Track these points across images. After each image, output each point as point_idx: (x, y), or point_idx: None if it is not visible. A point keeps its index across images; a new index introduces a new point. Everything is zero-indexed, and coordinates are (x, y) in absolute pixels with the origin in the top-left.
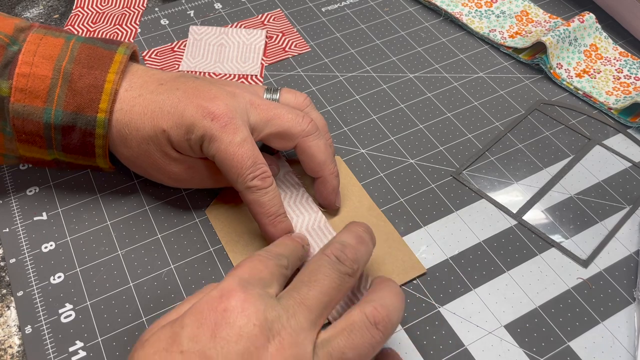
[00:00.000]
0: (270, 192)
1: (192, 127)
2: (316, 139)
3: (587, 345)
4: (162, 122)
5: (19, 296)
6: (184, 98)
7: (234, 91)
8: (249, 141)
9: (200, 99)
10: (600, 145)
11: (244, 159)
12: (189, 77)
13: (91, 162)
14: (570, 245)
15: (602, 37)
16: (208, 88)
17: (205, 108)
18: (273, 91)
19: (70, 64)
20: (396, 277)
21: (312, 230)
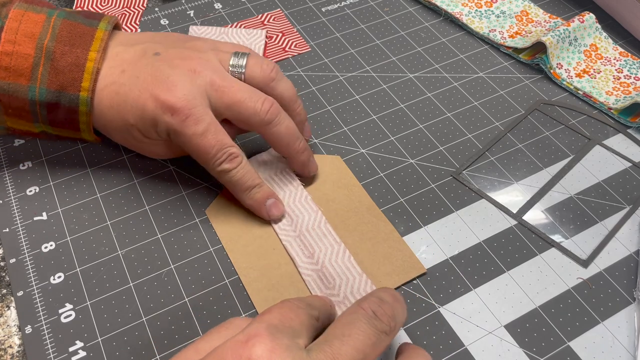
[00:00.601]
0: (240, 170)
1: (155, 122)
2: (276, 126)
3: (587, 345)
4: (128, 117)
5: (19, 296)
6: (144, 90)
7: (196, 68)
8: (212, 129)
9: (158, 90)
10: (600, 145)
11: (208, 148)
12: (149, 57)
13: (77, 135)
14: (570, 245)
15: (602, 37)
16: (167, 73)
17: (163, 102)
18: (240, 56)
19: (52, 42)
20: (396, 277)
21: (312, 229)
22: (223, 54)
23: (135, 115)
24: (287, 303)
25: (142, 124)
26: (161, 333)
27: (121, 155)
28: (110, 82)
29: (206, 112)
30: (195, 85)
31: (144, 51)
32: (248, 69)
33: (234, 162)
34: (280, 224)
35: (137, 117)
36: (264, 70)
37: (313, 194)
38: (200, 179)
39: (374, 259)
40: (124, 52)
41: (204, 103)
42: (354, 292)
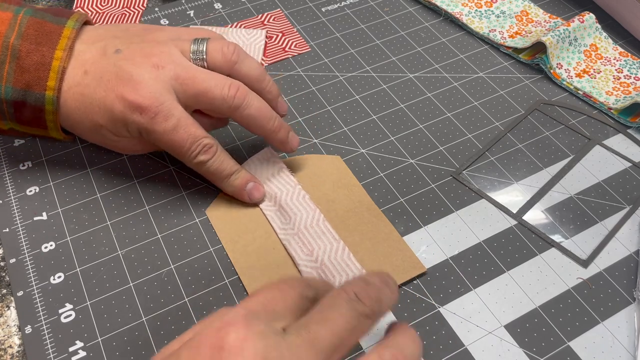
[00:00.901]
0: (217, 160)
1: (125, 122)
2: (246, 109)
3: (587, 345)
4: (96, 118)
5: (19, 296)
6: (109, 90)
7: (158, 63)
8: (182, 123)
9: (123, 90)
10: (600, 145)
11: (181, 142)
12: (110, 56)
13: (45, 133)
14: (570, 245)
15: (602, 37)
16: (130, 72)
17: (130, 103)
18: (200, 43)
19: (18, 40)
20: (396, 276)
21: (310, 227)
22: (183, 42)
23: (103, 117)
24: (280, 283)
25: (111, 124)
26: (161, 333)
27: (121, 155)
28: (74, 84)
29: (175, 106)
30: (160, 81)
31: (104, 49)
32: (209, 55)
33: (209, 153)
34: (278, 223)
35: (105, 118)
36: (225, 54)
37: (313, 194)
38: (200, 178)
39: (374, 258)
40: (85, 52)
41: (171, 98)
42: None
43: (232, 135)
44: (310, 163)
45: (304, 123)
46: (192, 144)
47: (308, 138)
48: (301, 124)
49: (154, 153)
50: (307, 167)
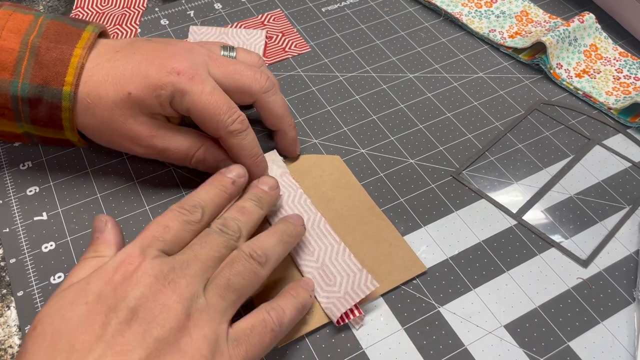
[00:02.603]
0: (250, 134)
1: (159, 86)
2: (274, 95)
3: (587, 345)
4: (126, 86)
5: (19, 296)
6: (144, 60)
7: (192, 47)
8: (218, 89)
9: (160, 59)
10: (600, 145)
11: (219, 104)
12: (143, 41)
13: (60, 134)
14: (570, 245)
15: (602, 37)
16: (164, 47)
17: (168, 65)
18: (230, 49)
19: (38, 38)
20: (397, 275)
21: (312, 229)
22: (210, 45)
23: (134, 84)
24: (169, 212)
25: (142, 91)
26: None
27: (121, 155)
28: (105, 59)
29: (209, 76)
30: (195, 56)
31: (134, 40)
32: (239, 56)
33: (245, 124)
34: None
35: (137, 84)
36: (252, 57)
37: (313, 194)
38: (200, 179)
39: (374, 257)
40: (114, 43)
41: (206, 71)
42: (355, 287)
43: None
44: (310, 163)
45: (304, 123)
46: (229, 109)
47: (308, 138)
48: (301, 124)
49: None
50: (308, 167)
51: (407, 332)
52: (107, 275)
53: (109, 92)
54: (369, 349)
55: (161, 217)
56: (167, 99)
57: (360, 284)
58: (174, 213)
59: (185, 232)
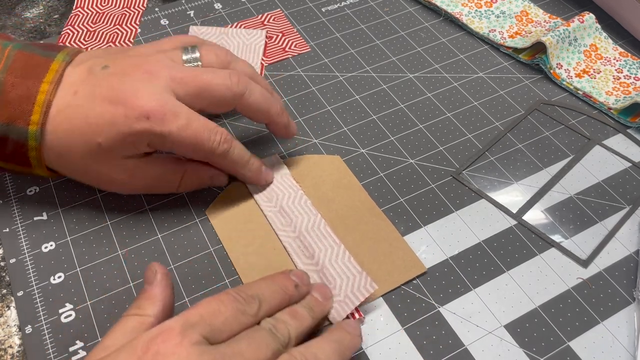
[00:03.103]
0: (236, 147)
1: (131, 135)
2: (251, 95)
3: (587, 345)
4: (94, 137)
5: (19, 296)
6: (105, 105)
7: (151, 70)
8: (192, 116)
9: (122, 102)
10: (600, 145)
11: (199, 133)
12: (97, 73)
13: (29, 171)
14: (570, 245)
15: (602, 37)
16: (122, 82)
17: (134, 110)
18: (191, 50)
19: (3, 74)
20: (397, 276)
21: (312, 231)
22: (171, 52)
23: (103, 134)
24: (223, 295)
25: (112, 141)
26: None
27: None
28: (64, 106)
29: (179, 104)
30: (157, 85)
31: (89, 68)
32: (204, 59)
33: (229, 140)
34: (278, 224)
35: (106, 135)
36: (219, 56)
37: (313, 194)
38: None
39: (374, 258)
40: (71, 74)
41: (173, 98)
42: (355, 290)
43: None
44: (310, 163)
45: (304, 123)
46: (211, 133)
47: (308, 138)
48: (301, 124)
49: None
50: (308, 166)
51: (407, 332)
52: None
53: (78, 144)
54: (369, 349)
55: (214, 298)
56: (143, 144)
57: (360, 286)
58: (229, 297)
59: (235, 322)
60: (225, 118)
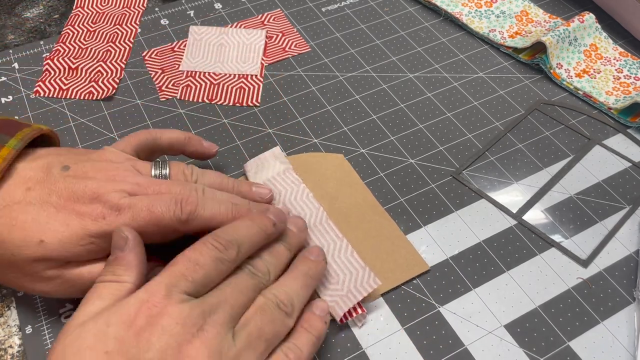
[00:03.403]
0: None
1: (83, 238)
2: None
3: (587, 345)
4: (38, 234)
5: (20, 296)
6: (61, 207)
7: (115, 176)
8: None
9: (79, 204)
10: (600, 145)
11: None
12: (56, 173)
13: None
14: (570, 245)
15: (602, 37)
16: (82, 184)
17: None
18: (162, 166)
19: None
20: (399, 274)
21: (314, 226)
22: (141, 164)
23: (49, 232)
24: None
25: (57, 243)
26: None
27: None
28: (12, 201)
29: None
30: (117, 189)
31: (48, 166)
32: (172, 179)
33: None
34: None
35: (52, 234)
36: (186, 175)
37: (316, 192)
38: None
39: (377, 256)
40: (25, 169)
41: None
42: (357, 285)
43: (233, 135)
44: (313, 161)
45: (304, 123)
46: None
47: (308, 138)
48: (301, 124)
49: None
50: (311, 165)
51: (407, 332)
52: (129, 317)
53: (14, 238)
54: (369, 349)
55: (192, 250)
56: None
57: (363, 281)
58: (207, 248)
59: (215, 273)
60: (225, 118)
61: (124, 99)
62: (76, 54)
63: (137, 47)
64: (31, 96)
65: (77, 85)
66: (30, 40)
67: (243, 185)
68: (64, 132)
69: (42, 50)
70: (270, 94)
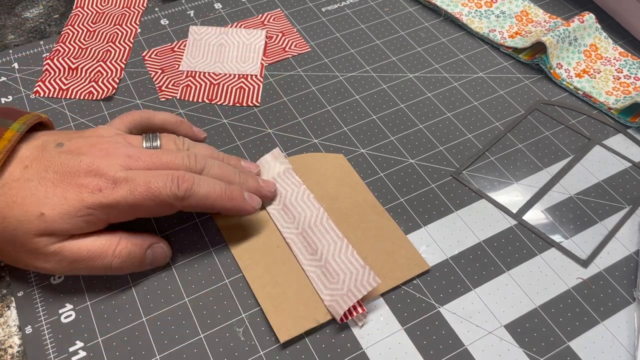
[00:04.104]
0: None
1: (80, 209)
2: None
3: (587, 345)
4: (38, 207)
5: (20, 296)
6: (58, 181)
7: (107, 149)
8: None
9: (74, 177)
10: (600, 145)
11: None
12: (51, 150)
13: None
14: (570, 245)
15: (602, 37)
16: (76, 159)
17: (86, 186)
18: (152, 138)
19: None
20: (400, 274)
21: (315, 226)
22: (132, 137)
23: (49, 205)
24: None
25: (57, 215)
26: (161, 333)
27: None
28: (11, 179)
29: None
30: (112, 162)
31: (43, 144)
32: (163, 148)
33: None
34: (282, 221)
35: (51, 206)
36: (178, 144)
37: (316, 192)
38: None
39: (377, 256)
40: (22, 149)
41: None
42: (357, 284)
43: (232, 135)
44: (314, 161)
45: (304, 123)
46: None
47: (308, 138)
48: (301, 124)
49: None
50: (311, 165)
51: (407, 332)
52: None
53: (15, 214)
54: (369, 349)
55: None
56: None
57: (363, 280)
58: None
59: None
60: (225, 118)
61: (124, 99)
62: (76, 54)
63: (137, 47)
64: (31, 96)
65: (77, 85)
66: (30, 40)
67: (232, 159)
68: None
69: (42, 50)
70: (270, 94)
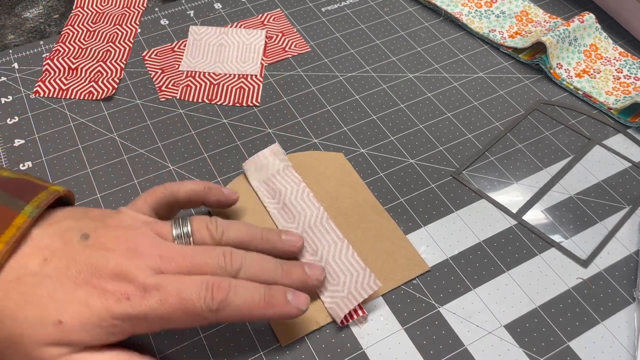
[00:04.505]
0: (237, 293)
1: (105, 320)
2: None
3: (587, 345)
4: (55, 313)
5: None
6: (82, 283)
7: (136, 248)
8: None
9: (101, 280)
10: (600, 145)
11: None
12: (75, 244)
13: None
14: (570, 245)
15: (602, 37)
16: (103, 258)
17: (113, 293)
18: (183, 223)
19: None
20: (400, 274)
21: (314, 226)
22: (160, 225)
23: (69, 312)
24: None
25: (78, 323)
26: (161, 333)
27: (121, 155)
28: (25, 274)
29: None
30: (141, 264)
31: (65, 235)
32: (195, 236)
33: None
34: (282, 221)
35: (72, 314)
36: (210, 230)
37: (316, 192)
38: (201, 179)
39: (377, 256)
40: (41, 236)
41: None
42: (358, 287)
43: (232, 135)
44: (314, 160)
45: (304, 123)
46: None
47: (308, 138)
48: (301, 124)
49: None
50: (311, 163)
51: (407, 332)
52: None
53: (27, 316)
54: (369, 349)
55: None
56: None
57: (364, 283)
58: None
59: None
60: (225, 118)
61: (123, 99)
62: (76, 54)
63: (137, 47)
64: (31, 96)
65: (77, 85)
66: (30, 40)
67: (272, 235)
68: (64, 132)
69: (42, 50)
70: (270, 94)
